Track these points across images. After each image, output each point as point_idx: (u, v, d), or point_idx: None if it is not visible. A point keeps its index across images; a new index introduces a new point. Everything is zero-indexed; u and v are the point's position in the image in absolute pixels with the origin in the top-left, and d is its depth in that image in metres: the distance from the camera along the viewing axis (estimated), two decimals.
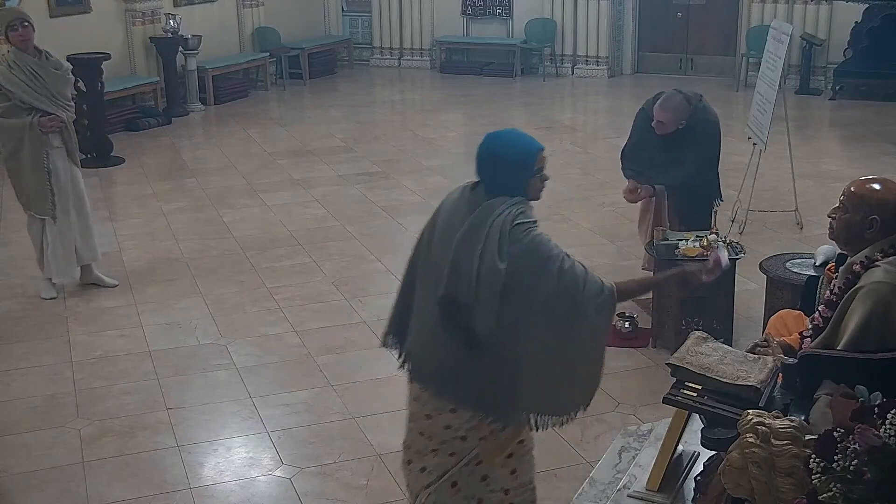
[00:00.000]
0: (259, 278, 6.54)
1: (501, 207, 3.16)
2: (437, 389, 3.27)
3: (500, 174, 3.21)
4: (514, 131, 3.30)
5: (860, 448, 2.30)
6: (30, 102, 5.86)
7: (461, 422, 3.28)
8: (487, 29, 14.82)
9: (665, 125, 5.45)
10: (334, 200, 8.29)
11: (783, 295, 4.98)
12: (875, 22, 12.05)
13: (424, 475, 3.40)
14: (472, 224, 3.17)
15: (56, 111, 5.94)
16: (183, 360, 5.38)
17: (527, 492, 3.46)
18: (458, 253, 3.14)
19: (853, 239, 3.22)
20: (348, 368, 5.25)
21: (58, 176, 6.04)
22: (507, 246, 3.09)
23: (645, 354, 5.37)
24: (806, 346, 3.27)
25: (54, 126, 5.94)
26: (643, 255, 5.99)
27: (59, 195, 6.06)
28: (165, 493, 4.14)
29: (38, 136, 5.91)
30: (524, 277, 3.09)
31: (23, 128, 5.88)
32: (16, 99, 5.85)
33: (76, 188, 6.19)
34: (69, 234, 6.17)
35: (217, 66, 12.61)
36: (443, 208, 3.36)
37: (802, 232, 7.28)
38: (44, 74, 5.90)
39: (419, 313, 3.30)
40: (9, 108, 5.88)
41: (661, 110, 5.45)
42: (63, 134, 6.03)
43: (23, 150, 5.93)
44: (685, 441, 3.39)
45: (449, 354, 3.18)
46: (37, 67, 5.88)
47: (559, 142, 10.69)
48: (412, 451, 3.44)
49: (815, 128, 11.20)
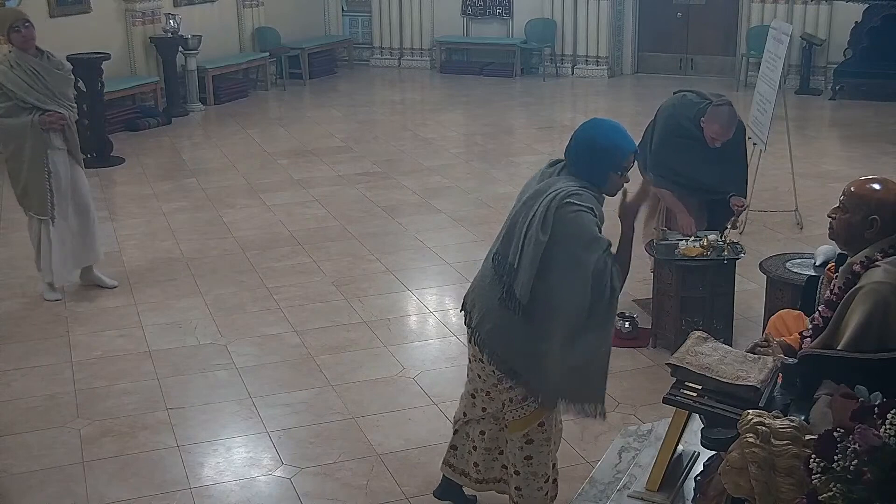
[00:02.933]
0: (259, 278, 6.54)
1: (561, 184, 3.28)
2: (474, 336, 3.47)
3: (583, 157, 3.34)
4: (617, 125, 3.40)
5: (860, 448, 2.30)
6: (31, 102, 5.86)
7: (486, 375, 3.49)
8: (487, 29, 14.82)
9: (720, 140, 5.35)
10: (334, 200, 8.29)
11: (783, 295, 4.98)
12: (875, 22, 12.05)
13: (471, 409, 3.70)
14: (534, 193, 3.33)
15: (57, 109, 5.94)
16: (183, 360, 5.38)
17: (538, 482, 3.56)
18: (514, 217, 3.35)
19: (853, 239, 3.22)
20: (348, 368, 5.25)
21: (58, 177, 6.03)
22: (551, 220, 3.20)
23: (645, 354, 5.37)
24: (806, 346, 3.27)
25: (55, 122, 5.93)
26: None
27: (59, 197, 6.05)
28: (165, 493, 4.14)
29: (40, 135, 5.91)
30: (561, 256, 3.21)
31: (25, 127, 5.88)
32: (17, 99, 5.85)
33: (78, 189, 6.18)
34: (67, 237, 6.15)
35: (217, 66, 12.61)
36: (531, 178, 3.54)
37: (802, 232, 7.28)
38: (45, 74, 5.90)
39: (483, 263, 3.53)
40: (10, 108, 5.88)
41: (719, 128, 5.29)
42: (65, 133, 6.02)
43: (24, 150, 5.93)
44: (685, 441, 3.39)
45: (492, 308, 3.37)
46: (38, 67, 5.88)
47: (559, 142, 10.68)
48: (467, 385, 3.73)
49: (815, 128, 11.20)
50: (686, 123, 5.45)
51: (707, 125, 5.33)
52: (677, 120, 5.50)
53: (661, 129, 5.58)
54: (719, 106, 5.36)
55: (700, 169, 5.44)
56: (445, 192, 8.55)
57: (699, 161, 5.43)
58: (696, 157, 5.43)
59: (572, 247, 3.22)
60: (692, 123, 5.41)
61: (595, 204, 3.33)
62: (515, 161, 9.66)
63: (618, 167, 3.31)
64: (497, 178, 8.98)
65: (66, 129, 6.02)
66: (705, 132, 5.35)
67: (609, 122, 3.40)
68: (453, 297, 6.26)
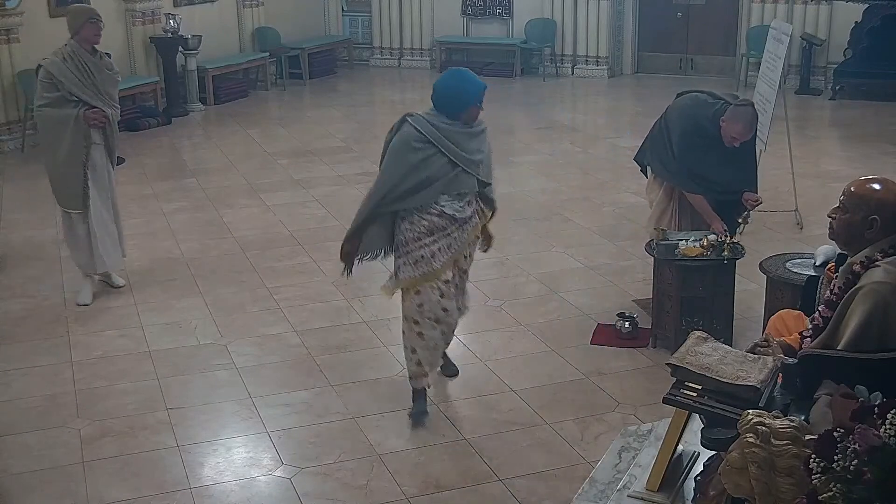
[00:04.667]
0: (259, 278, 6.54)
1: (406, 117, 4.66)
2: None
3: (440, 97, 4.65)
4: (464, 72, 4.79)
5: (860, 448, 2.30)
6: (78, 95, 5.92)
7: None
8: (487, 29, 14.82)
9: (741, 139, 5.33)
10: (334, 200, 8.29)
11: (783, 295, 4.97)
12: (875, 22, 12.05)
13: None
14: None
15: (102, 106, 5.99)
16: (183, 360, 5.38)
17: (407, 353, 4.72)
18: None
19: (853, 239, 3.22)
20: (348, 368, 5.25)
21: (95, 170, 6.10)
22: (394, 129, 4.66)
23: (645, 354, 5.37)
24: (806, 346, 3.27)
25: (98, 120, 5.99)
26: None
27: (98, 189, 6.12)
28: (165, 493, 4.14)
29: (82, 129, 5.97)
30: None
31: (68, 119, 5.93)
32: (65, 90, 5.91)
33: (111, 184, 6.27)
34: (111, 225, 6.24)
35: (217, 66, 12.61)
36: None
37: (802, 232, 7.28)
38: (95, 71, 5.98)
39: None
40: (56, 100, 5.94)
41: (743, 128, 5.26)
42: (105, 131, 6.09)
43: (62, 142, 5.98)
44: (685, 441, 3.39)
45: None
46: (90, 64, 5.96)
47: (559, 142, 10.69)
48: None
49: (815, 128, 11.20)
50: (705, 123, 5.39)
51: (729, 125, 5.28)
52: (696, 120, 5.43)
53: (681, 131, 5.47)
54: (742, 106, 5.33)
55: (717, 169, 5.43)
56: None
57: (715, 161, 5.41)
58: (713, 158, 5.41)
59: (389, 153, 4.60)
60: (710, 123, 5.36)
61: (424, 125, 4.51)
62: (515, 161, 9.66)
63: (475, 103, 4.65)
64: (497, 177, 8.93)
65: (108, 126, 6.08)
66: (726, 131, 5.30)
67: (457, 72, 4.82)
68: None
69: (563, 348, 5.43)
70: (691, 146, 5.43)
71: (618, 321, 5.55)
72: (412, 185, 4.47)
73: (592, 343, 5.50)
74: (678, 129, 5.49)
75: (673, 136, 5.51)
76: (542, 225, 7.60)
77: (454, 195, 4.56)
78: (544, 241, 7.23)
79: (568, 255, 6.91)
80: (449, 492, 4.11)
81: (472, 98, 4.61)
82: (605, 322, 5.70)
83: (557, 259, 6.86)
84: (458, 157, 4.51)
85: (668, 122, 5.60)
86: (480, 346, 5.49)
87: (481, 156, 4.68)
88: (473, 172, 4.60)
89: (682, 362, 3.15)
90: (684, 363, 3.14)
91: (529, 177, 9.09)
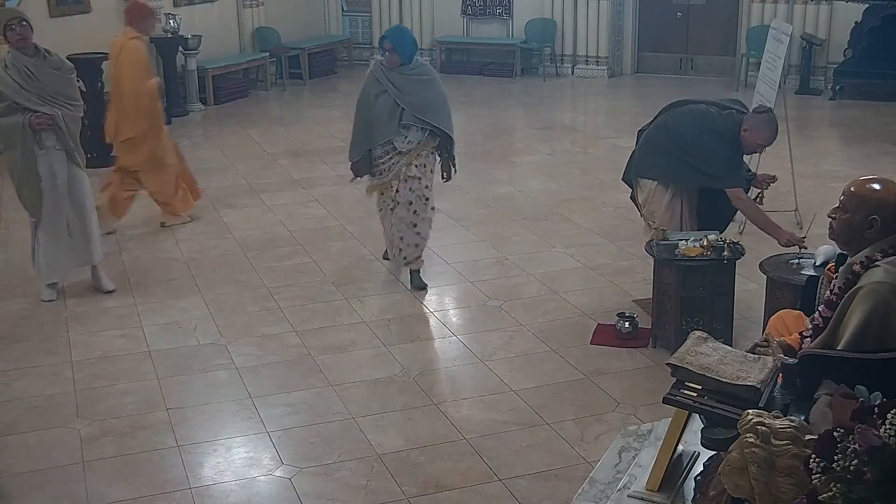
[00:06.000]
0: (259, 278, 6.54)
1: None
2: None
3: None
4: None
5: (860, 448, 2.30)
6: (22, 103, 5.85)
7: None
8: (487, 29, 14.82)
9: (767, 146, 5.56)
10: (334, 200, 8.30)
11: (783, 295, 4.97)
12: (875, 22, 12.04)
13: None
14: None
15: (46, 110, 5.89)
16: (183, 360, 5.38)
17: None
18: None
19: (853, 239, 3.22)
20: (348, 368, 5.25)
21: (52, 177, 6.00)
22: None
23: (645, 354, 5.37)
24: (806, 346, 3.27)
25: (43, 123, 5.89)
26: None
27: (53, 196, 6.03)
28: (165, 493, 4.14)
29: (30, 136, 5.91)
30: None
31: (16, 127, 5.89)
32: (9, 100, 5.86)
33: (76, 190, 6.14)
34: (63, 235, 6.13)
35: (217, 66, 12.61)
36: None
37: (802, 232, 7.26)
38: (39, 74, 5.89)
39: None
40: (6, 108, 5.89)
41: (771, 135, 5.41)
42: (57, 133, 5.98)
43: (16, 150, 5.95)
44: (685, 441, 3.39)
45: None
46: (33, 67, 5.88)
47: (559, 142, 10.69)
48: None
49: (815, 128, 11.19)
50: (727, 134, 5.42)
51: (756, 133, 5.35)
52: (719, 131, 5.43)
53: (718, 141, 5.42)
54: (763, 113, 5.49)
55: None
56: (445, 191, 8.53)
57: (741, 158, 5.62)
58: (740, 154, 5.58)
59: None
60: (728, 133, 5.42)
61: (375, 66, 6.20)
62: (515, 161, 9.67)
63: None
64: (497, 178, 8.98)
65: (58, 129, 5.97)
66: (751, 140, 5.38)
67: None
68: (453, 296, 6.26)
69: (563, 348, 5.43)
70: (734, 153, 5.48)
71: (618, 321, 5.55)
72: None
73: (592, 343, 5.50)
74: (716, 142, 5.43)
75: (717, 152, 5.44)
76: (542, 225, 7.60)
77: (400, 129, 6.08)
78: (544, 241, 7.23)
79: (568, 255, 6.91)
80: (449, 492, 4.11)
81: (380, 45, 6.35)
82: (605, 322, 5.70)
83: (557, 259, 6.86)
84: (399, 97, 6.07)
85: (680, 129, 5.56)
86: (480, 346, 5.49)
87: (417, 98, 6.06)
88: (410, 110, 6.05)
89: (682, 362, 3.15)
90: (684, 363, 3.14)
91: (529, 177, 9.09)
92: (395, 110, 6.03)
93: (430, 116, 6.06)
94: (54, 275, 6.24)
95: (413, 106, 6.03)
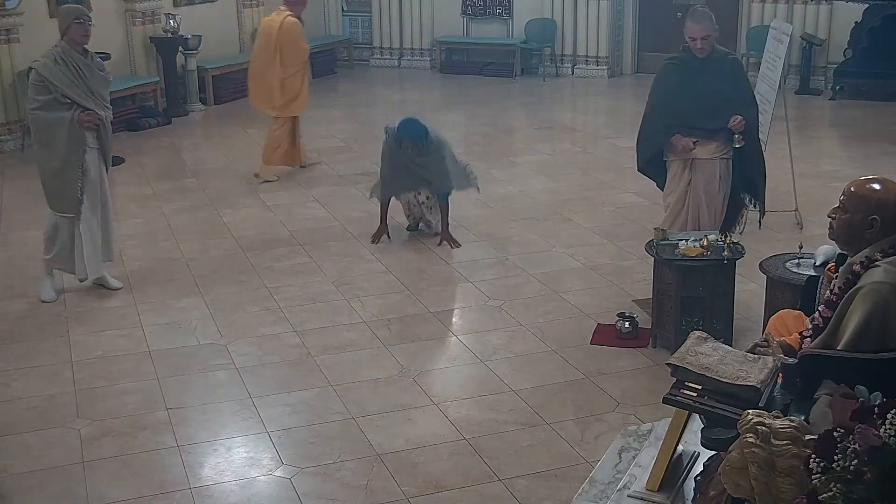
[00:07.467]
0: (259, 278, 6.54)
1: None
2: None
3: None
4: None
5: (860, 448, 2.30)
6: (71, 97, 5.89)
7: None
8: (487, 29, 14.82)
9: (709, 39, 5.59)
10: (334, 200, 8.29)
11: (783, 295, 4.97)
12: (875, 22, 12.04)
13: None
14: None
15: (95, 108, 5.98)
16: (183, 360, 5.38)
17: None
18: None
19: (853, 239, 3.22)
20: (348, 368, 5.25)
21: (89, 174, 6.08)
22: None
23: (645, 354, 5.37)
24: (806, 346, 3.27)
25: (92, 122, 5.97)
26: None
27: (89, 194, 6.10)
28: (165, 493, 4.14)
29: (77, 132, 5.95)
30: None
31: (62, 123, 5.91)
32: (57, 93, 5.88)
33: (103, 188, 6.24)
34: (97, 232, 6.21)
35: (217, 66, 12.61)
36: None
37: (802, 232, 7.28)
38: (87, 73, 5.96)
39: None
40: (49, 102, 5.91)
41: (698, 26, 5.58)
42: (99, 133, 6.06)
43: (57, 146, 5.96)
44: (685, 441, 3.39)
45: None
46: (82, 65, 5.94)
47: (559, 142, 10.69)
48: None
49: (815, 128, 11.19)
50: (670, 60, 5.93)
51: (685, 30, 5.73)
52: (663, 65, 6.00)
53: (658, 79, 6.00)
54: (697, 10, 5.82)
55: (689, 105, 5.70)
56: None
57: (685, 96, 5.76)
58: (683, 92, 5.77)
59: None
60: (678, 53, 5.88)
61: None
62: (515, 161, 9.66)
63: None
64: (497, 178, 8.98)
65: (101, 128, 6.06)
66: (688, 39, 5.70)
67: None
68: (453, 296, 6.26)
69: (563, 348, 5.43)
70: (671, 85, 5.83)
71: (618, 321, 5.55)
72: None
73: (592, 343, 5.50)
74: (662, 77, 5.95)
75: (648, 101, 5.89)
76: (542, 225, 7.60)
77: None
78: (544, 241, 7.23)
79: (568, 255, 6.91)
80: (449, 492, 4.11)
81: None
82: (605, 322, 5.70)
83: (557, 259, 6.86)
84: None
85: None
86: (480, 346, 5.49)
87: (423, 170, 7.07)
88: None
89: (682, 362, 3.15)
90: (684, 363, 3.14)
91: (529, 177, 9.09)
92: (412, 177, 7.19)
93: (435, 188, 7.16)
94: (96, 273, 6.27)
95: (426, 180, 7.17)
